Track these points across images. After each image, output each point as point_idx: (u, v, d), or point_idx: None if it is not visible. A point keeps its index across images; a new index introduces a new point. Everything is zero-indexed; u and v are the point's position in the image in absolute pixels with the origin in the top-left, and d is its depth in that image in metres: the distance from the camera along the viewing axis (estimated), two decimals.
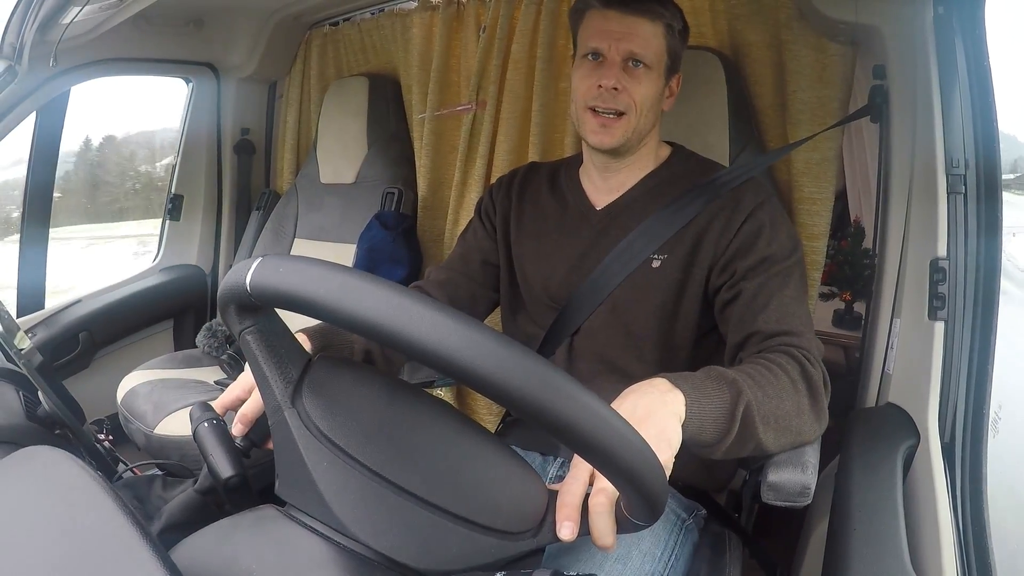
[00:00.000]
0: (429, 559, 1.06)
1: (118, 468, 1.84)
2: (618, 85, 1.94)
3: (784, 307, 1.79)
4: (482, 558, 1.07)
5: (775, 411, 1.55)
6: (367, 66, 4.00)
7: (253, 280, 0.98)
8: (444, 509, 1.09)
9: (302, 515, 1.07)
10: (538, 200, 2.25)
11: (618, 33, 1.94)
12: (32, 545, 0.91)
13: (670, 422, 1.35)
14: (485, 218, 2.34)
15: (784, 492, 1.68)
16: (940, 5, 1.94)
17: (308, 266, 0.94)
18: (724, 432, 1.46)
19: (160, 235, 4.35)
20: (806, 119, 2.56)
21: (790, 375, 1.62)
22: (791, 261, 1.88)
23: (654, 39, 1.95)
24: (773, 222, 1.92)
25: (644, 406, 1.36)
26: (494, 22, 3.28)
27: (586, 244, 2.10)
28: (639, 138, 2.03)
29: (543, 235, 2.18)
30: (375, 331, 0.86)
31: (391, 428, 1.21)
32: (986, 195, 1.89)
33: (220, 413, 1.44)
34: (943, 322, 1.92)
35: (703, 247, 1.94)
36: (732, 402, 1.47)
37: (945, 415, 1.89)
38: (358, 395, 1.25)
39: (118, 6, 2.75)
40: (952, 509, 1.76)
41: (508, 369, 0.82)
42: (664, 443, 1.29)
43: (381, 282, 0.89)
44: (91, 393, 3.41)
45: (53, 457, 1.04)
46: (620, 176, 2.11)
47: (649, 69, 1.96)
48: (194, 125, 4.22)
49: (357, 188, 3.70)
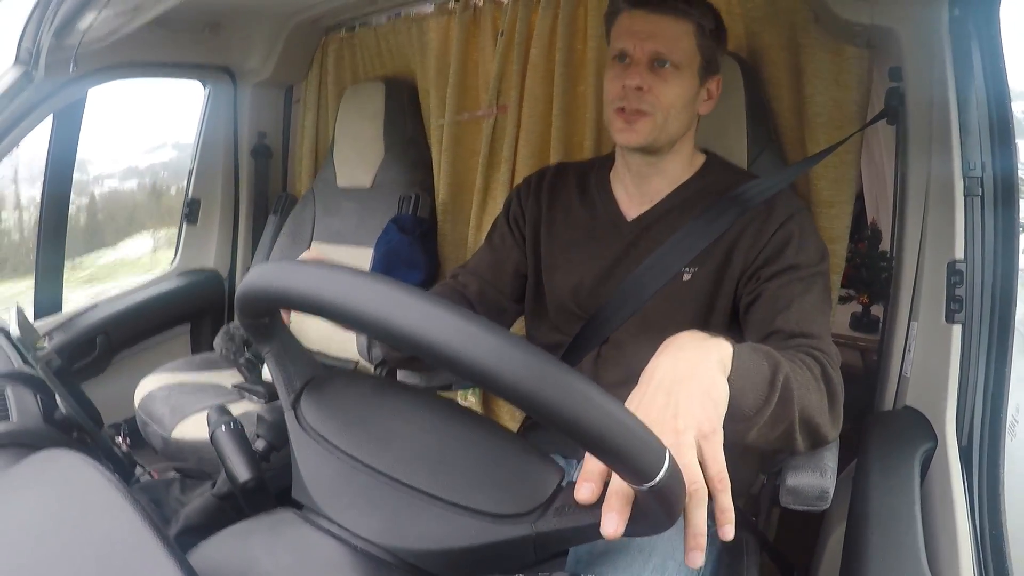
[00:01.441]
0: (400, 537, 1.07)
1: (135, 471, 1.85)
2: (643, 85, 1.92)
3: (805, 311, 1.77)
4: (462, 539, 1.06)
5: (804, 399, 1.53)
6: (383, 71, 4.00)
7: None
8: (418, 489, 1.10)
9: (319, 518, 1.07)
10: (569, 207, 2.22)
11: (644, 33, 1.93)
12: (50, 548, 0.91)
13: (716, 378, 1.29)
14: (514, 224, 2.32)
15: (803, 496, 1.68)
16: (956, 7, 1.93)
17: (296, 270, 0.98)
18: (763, 401, 1.41)
19: (177, 239, 4.37)
20: (823, 122, 2.55)
21: (813, 372, 1.61)
22: (816, 270, 1.87)
23: (682, 38, 1.93)
24: (803, 232, 1.91)
25: (686, 361, 1.30)
26: (511, 26, 3.27)
27: (616, 254, 2.08)
28: (669, 139, 2.01)
29: (573, 244, 2.16)
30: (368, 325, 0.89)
31: (375, 419, 1.23)
32: (1003, 197, 1.88)
33: None
34: (960, 325, 1.92)
35: (734, 258, 1.94)
36: (772, 370, 1.44)
37: (962, 418, 1.89)
38: (349, 395, 1.32)
39: (134, 11, 2.76)
40: (969, 512, 1.76)
41: (508, 362, 0.83)
42: (710, 403, 1.23)
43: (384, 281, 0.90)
44: (108, 396, 3.39)
45: (71, 460, 1.05)
46: (653, 183, 2.09)
47: (677, 69, 1.94)
48: (211, 129, 4.23)
49: (374, 192, 3.70)
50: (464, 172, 3.63)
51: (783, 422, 1.50)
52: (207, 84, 4.15)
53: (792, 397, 1.48)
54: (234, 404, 3.09)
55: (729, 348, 1.36)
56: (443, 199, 3.65)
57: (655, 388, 1.25)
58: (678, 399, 1.21)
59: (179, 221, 4.38)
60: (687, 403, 1.20)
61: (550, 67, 3.20)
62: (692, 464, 1.12)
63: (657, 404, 1.22)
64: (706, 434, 1.17)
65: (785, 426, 1.51)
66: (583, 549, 1.73)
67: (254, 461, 1.40)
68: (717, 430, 1.19)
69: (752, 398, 1.39)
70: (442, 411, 1.33)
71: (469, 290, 2.25)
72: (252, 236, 4.37)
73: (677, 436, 1.15)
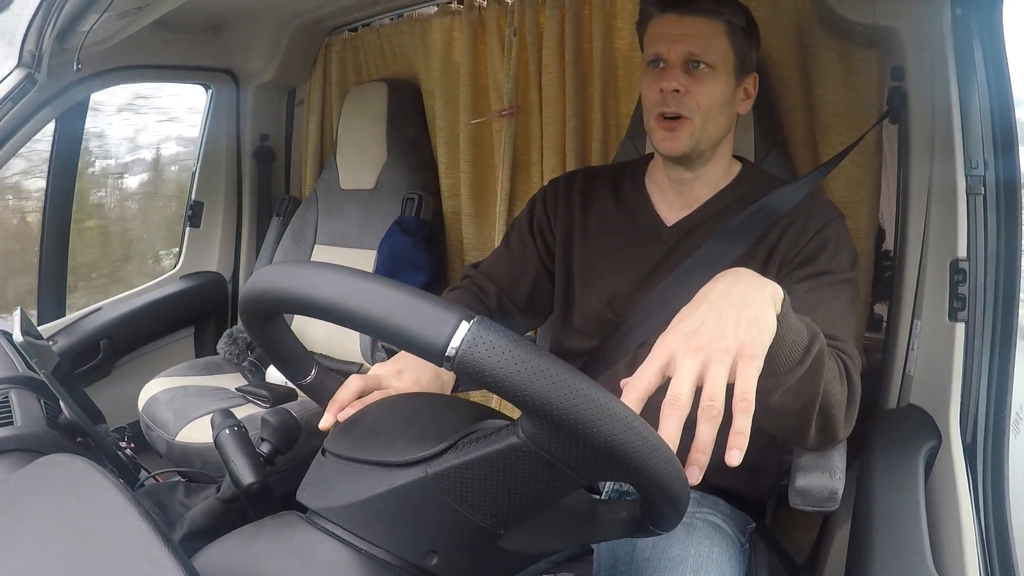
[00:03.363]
0: (326, 499, 1.09)
1: (140, 475, 1.85)
2: (679, 87, 1.91)
3: (832, 315, 1.75)
4: (367, 490, 1.05)
5: (831, 383, 1.53)
6: (386, 72, 4.00)
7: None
8: (344, 456, 1.12)
9: (324, 521, 1.07)
10: (604, 213, 2.19)
11: (676, 36, 1.92)
12: (54, 552, 0.91)
13: (767, 308, 1.29)
14: (537, 232, 2.27)
15: (812, 497, 1.69)
16: (958, 6, 1.93)
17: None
18: (796, 362, 1.39)
19: (180, 242, 4.37)
20: (835, 122, 2.57)
21: (839, 367, 1.60)
22: (846, 276, 1.85)
23: (714, 38, 1.92)
24: (838, 240, 1.90)
25: (741, 287, 1.32)
26: (521, 26, 3.28)
27: (656, 261, 2.05)
28: (710, 143, 1.99)
29: (611, 251, 2.13)
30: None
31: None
32: (1006, 195, 1.88)
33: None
34: (964, 323, 1.92)
35: (771, 264, 1.92)
36: (810, 337, 1.42)
37: (966, 416, 1.89)
38: None
39: (137, 13, 2.76)
40: (974, 510, 1.76)
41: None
42: (757, 329, 1.24)
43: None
44: (112, 400, 3.41)
45: (75, 465, 1.05)
46: (693, 190, 2.08)
47: (713, 69, 1.92)
48: (213, 131, 4.23)
49: (377, 194, 3.70)
50: (486, 174, 3.64)
51: (807, 395, 1.49)
52: (210, 87, 4.16)
53: (822, 371, 1.47)
54: (238, 408, 3.11)
55: (782, 292, 1.36)
56: (465, 203, 3.65)
57: (707, 307, 1.27)
58: (727, 319, 1.23)
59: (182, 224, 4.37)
60: (735, 325, 1.22)
61: (562, 67, 3.21)
62: (716, 380, 1.15)
63: (708, 322, 1.23)
64: (747, 356, 1.18)
65: (806, 401, 1.50)
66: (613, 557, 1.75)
67: (258, 465, 1.40)
68: (759, 355, 1.21)
69: (788, 354, 1.37)
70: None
71: (489, 298, 2.22)
72: (255, 239, 4.37)
73: (718, 353, 1.18)
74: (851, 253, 1.92)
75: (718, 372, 1.16)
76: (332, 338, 3.54)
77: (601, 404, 0.88)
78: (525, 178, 3.46)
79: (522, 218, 2.33)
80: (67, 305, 3.90)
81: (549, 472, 0.97)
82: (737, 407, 1.14)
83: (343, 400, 1.41)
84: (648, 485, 0.97)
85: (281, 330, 1.26)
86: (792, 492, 1.71)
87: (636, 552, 1.71)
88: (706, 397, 1.13)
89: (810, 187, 2.05)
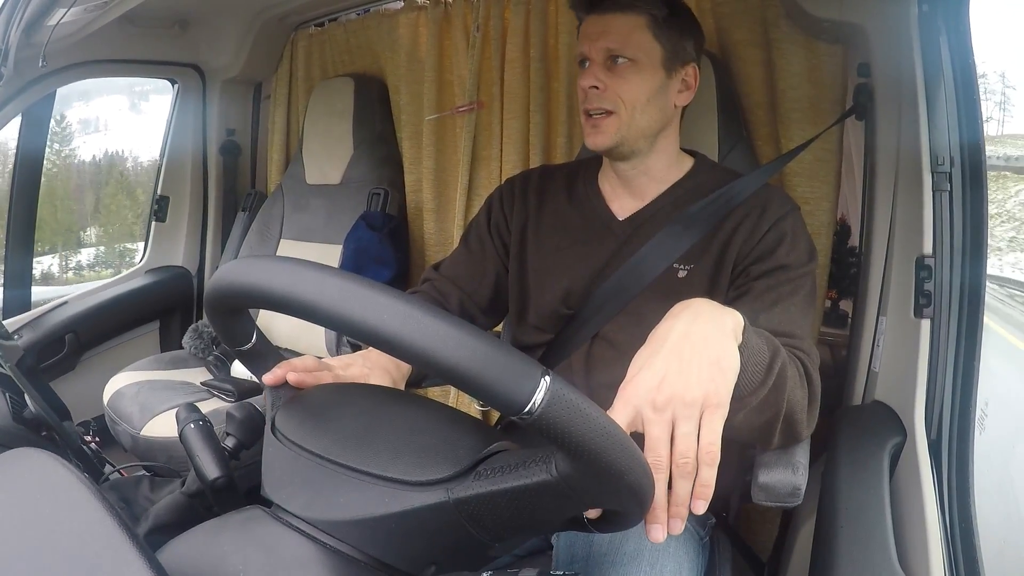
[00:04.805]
0: (320, 510, 1.07)
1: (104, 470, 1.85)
2: (598, 84, 1.92)
3: (790, 312, 1.76)
4: (377, 508, 1.04)
5: (793, 392, 1.53)
6: (353, 67, 4.00)
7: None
8: (344, 465, 1.10)
9: (288, 515, 1.07)
10: (557, 210, 2.19)
11: (595, 34, 1.94)
12: (18, 547, 0.91)
13: (729, 347, 1.29)
14: (495, 230, 2.28)
15: (775, 493, 1.69)
16: (924, 3, 1.94)
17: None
18: (759, 383, 1.40)
19: (146, 236, 4.36)
20: (798, 117, 2.57)
21: (798, 369, 1.60)
22: (804, 270, 1.86)
23: (633, 32, 1.92)
24: (795, 233, 1.90)
25: (701, 327, 1.29)
26: (486, 22, 3.29)
27: (609, 254, 2.05)
28: (642, 135, 1.98)
29: (564, 247, 2.13)
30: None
31: (324, 410, 1.26)
32: (971, 192, 1.89)
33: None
34: (929, 319, 1.93)
35: (727, 255, 1.92)
36: (771, 354, 1.43)
37: (932, 412, 1.90)
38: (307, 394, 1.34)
39: (104, 7, 2.75)
40: (939, 506, 1.77)
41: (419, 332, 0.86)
42: (721, 375, 1.23)
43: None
44: (77, 395, 3.41)
45: (39, 459, 1.04)
46: (640, 184, 2.08)
47: (635, 63, 1.92)
48: (179, 126, 4.22)
49: (343, 189, 3.70)
50: (448, 169, 3.64)
51: (770, 410, 1.50)
52: (176, 81, 4.14)
53: (784, 386, 1.48)
54: (203, 402, 3.10)
55: (741, 319, 1.35)
56: (427, 198, 3.66)
57: (668, 353, 1.25)
58: (690, 368, 1.22)
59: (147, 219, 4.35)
60: (698, 373, 1.21)
61: (526, 63, 3.22)
62: (687, 436, 1.17)
63: (671, 372, 1.21)
64: (713, 406, 1.19)
65: (770, 415, 1.51)
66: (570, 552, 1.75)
67: (223, 459, 1.40)
68: (724, 403, 1.21)
69: (750, 377, 1.37)
70: (384, 396, 1.37)
71: (450, 302, 2.22)
72: (221, 233, 4.37)
73: (685, 408, 1.18)
74: (808, 245, 1.92)
75: (688, 427, 1.17)
76: (298, 333, 3.54)
77: (633, 454, 0.95)
78: (485, 173, 3.48)
79: (480, 218, 2.33)
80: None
81: (565, 503, 1.00)
82: (703, 460, 1.17)
83: (298, 366, 1.40)
84: (632, 497, 1.00)
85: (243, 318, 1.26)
86: (755, 488, 1.71)
87: (593, 547, 1.72)
88: (679, 454, 1.15)
89: (768, 176, 2.07)
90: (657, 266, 1.95)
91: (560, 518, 1.06)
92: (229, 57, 4.00)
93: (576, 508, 1.03)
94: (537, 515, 1.02)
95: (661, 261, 1.95)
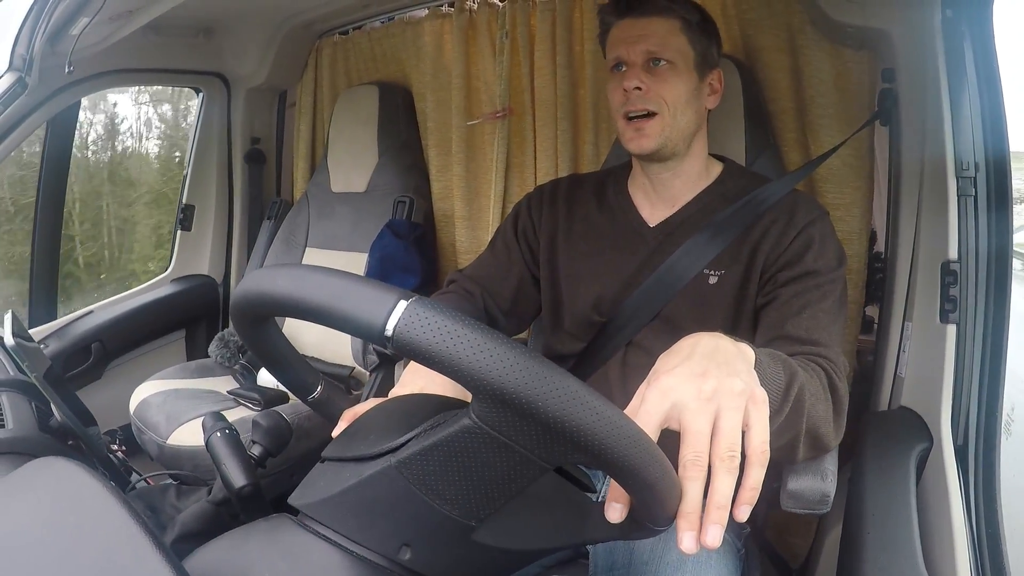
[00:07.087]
0: (305, 496, 1.09)
1: (131, 478, 1.85)
2: (641, 84, 1.93)
3: (817, 318, 1.76)
4: (339, 484, 1.05)
5: (813, 410, 1.51)
6: (377, 75, 3.99)
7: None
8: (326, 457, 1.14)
9: (315, 524, 1.07)
10: (588, 217, 2.20)
11: (633, 37, 1.94)
12: (46, 556, 0.91)
13: (752, 371, 1.22)
14: (522, 237, 2.28)
15: (804, 500, 1.69)
16: (948, 8, 1.94)
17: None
18: (775, 410, 1.33)
19: (171, 245, 4.36)
20: (826, 124, 2.56)
21: (821, 382, 1.59)
22: (833, 276, 1.85)
23: (671, 35, 1.94)
24: (823, 238, 1.89)
25: (724, 345, 1.24)
26: (513, 28, 3.29)
27: (640, 261, 2.06)
28: (682, 139, 2.00)
29: (595, 254, 2.14)
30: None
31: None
32: (996, 197, 1.89)
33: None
34: (955, 325, 1.92)
35: (756, 261, 1.92)
36: (788, 380, 1.39)
37: (958, 418, 1.89)
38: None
39: (128, 16, 2.76)
40: (966, 512, 1.76)
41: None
42: (754, 377, 1.19)
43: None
44: (104, 403, 3.41)
45: (66, 468, 1.04)
46: (672, 189, 2.08)
47: (673, 65, 1.94)
48: (204, 134, 4.22)
49: (368, 197, 3.70)
50: (480, 177, 3.63)
51: (789, 432, 1.48)
52: (201, 90, 4.15)
53: (803, 408, 1.45)
54: (229, 410, 3.10)
55: (752, 353, 1.30)
56: (458, 206, 3.65)
57: (702, 354, 1.19)
58: (729, 365, 1.17)
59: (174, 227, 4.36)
60: (739, 369, 1.17)
61: (553, 69, 3.22)
62: (733, 428, 1.07)
63: (711, 363, 1.16)
64: (759, 401, 1.12)
65: (791, 437, 1.49)
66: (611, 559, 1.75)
67: (250, 467, 1.40)
68: (767, 400, 1.14)
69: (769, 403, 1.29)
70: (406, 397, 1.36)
71: (475, 300, 2.22)
72: (247, 242, 4.36)
73: (732, 399, 1.10)
74: (837, 251, 1.92)
75: (734, 419, 1.08)
76: (323, 342, 3.54)
77: (545, 377, 0.84)
78: (519, 180, 3.47)
79: (507, 224, 2.34)
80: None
81: (507, 455, 0.95)
82: (754, 459, 1.08)
83: (358, 412, 1.39)
84: (613, 465, 0.90)
85: (275, 337, 1.26)
86: (784, 495, 1.71)
87: (634, 555, 1.71)
88: (725, 448, 1.05)
89: (796, 182, 2.07)
90: (688, 272, 1.95)
91: (523, 478, 0.98)
92: (254, 65, 4.00)
93: (530, 463, 0.96)
94: (488, 474, 0.97)
95: (692, 267, 1.95)
